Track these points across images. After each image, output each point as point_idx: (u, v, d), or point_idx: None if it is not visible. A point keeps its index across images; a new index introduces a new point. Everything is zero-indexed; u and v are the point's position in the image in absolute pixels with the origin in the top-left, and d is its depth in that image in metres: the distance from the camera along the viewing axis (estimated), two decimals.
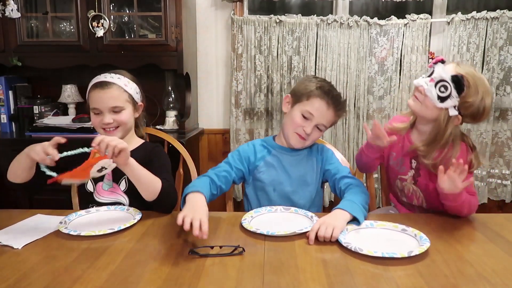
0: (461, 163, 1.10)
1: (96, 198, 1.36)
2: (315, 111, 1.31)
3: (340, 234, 1.04)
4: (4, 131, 2.39)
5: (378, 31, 2.46)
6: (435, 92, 1.20)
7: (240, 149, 1.44)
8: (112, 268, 0.90)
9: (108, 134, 1.36)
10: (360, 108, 2.51)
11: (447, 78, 1.18)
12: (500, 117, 2.53)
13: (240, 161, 1.40)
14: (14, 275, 0.87)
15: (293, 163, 1.40)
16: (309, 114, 1.32)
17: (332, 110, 1.34)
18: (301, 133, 1.34)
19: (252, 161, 1.41)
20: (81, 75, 2.48)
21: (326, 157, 1.43)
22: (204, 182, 1.26)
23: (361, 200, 1.20)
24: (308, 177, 1.40)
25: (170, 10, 2.18)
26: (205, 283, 0.84)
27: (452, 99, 1.19)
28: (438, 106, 1.21)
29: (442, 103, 1.20)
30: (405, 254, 0.93)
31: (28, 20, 2.31)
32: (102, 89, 1.34)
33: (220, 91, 2.65)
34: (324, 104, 1.32)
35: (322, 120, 1.33)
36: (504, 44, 2.42)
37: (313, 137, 1.37)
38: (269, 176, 1.39)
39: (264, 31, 2.47)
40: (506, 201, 2.58)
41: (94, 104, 1.35)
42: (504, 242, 1.06)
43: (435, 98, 1.20)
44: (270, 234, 1.07)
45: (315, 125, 1.33)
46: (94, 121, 1.37)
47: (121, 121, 1.35)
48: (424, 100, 1.24)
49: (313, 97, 1.32)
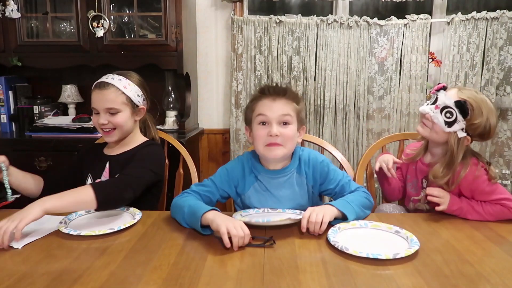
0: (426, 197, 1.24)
1: None
2: (263, 109, 1.22)
3: (331, 232, 1.06)
4: (4, 131, 2.39)
5: (378, 31, 2.46)
6: (442, 118, 1.24)
7: (229, 168, 1.32)
8: (112, 268, 0.90)
9: (106, 135, 1.39)
10: (360, 108, 2.51)
11: (451, 104, 1.22)
12: (500, 117, 2.52)
13: (228, 182, 1.30)
14: (14, 275, 0.87)
15: (280, 187, 1.30)
16: (262, 116, 1.22)
17: (279, 98, 1.23)
18: (271, 141, 1.21)
19: (241, 185, 1.31)
20: (81, 75, 2.49)
21: (321, 174, 1.30)
22: (196, 198, 1.23)
23: (354, 200, 1.20)
24: (299, 197, 1.31)
25: (170, 10, 2.18)
26: (205, 283, 0.84)
27: (459, 123, 1.22)
28: (446, 131, 1.25)
29: (450, 128, 1.24)
30: (390, 256, 0.93)
31: (28, 20, 2.31)
32: (100, 90, 1.36)
33: (220, 91, 2.65)
34: (267, 99, 1.23)
35: (277, 114, 1.21)
36: (504, 44, 2.42)
37: (285, 136, 1.22)
38: (258, 201, 1.30)
39: (264, 31, 2.47)
40: None
41: (93, 103, 1.38)
42: (504, 242, 1.06)
43: (442, 124, 1.24)
44: (266, 221, 1.08)
45: (277, 123, 1.21)
46: (94, 121, 1.40)
47: (116, 123, 1.36)
48: (432, 126, 1.28)
49: (255, 105, 1.25)
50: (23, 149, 2.17)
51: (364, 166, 1.60)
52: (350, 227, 1.13)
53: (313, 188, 1.32)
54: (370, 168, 1.62)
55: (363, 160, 1.60)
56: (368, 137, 2.55)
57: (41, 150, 2.12)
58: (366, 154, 1.61)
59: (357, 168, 1.60)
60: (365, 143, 2.54)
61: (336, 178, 1.30)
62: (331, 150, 1.65)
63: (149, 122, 1.53)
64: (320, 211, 1.10)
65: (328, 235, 1.05)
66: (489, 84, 2.45)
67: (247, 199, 1.32)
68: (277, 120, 1.22)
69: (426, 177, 1.35)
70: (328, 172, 1.30)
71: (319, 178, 1.31)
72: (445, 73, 2.46)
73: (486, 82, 2.46)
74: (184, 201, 1.18)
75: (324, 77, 2.48)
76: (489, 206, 1.22)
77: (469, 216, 1.22)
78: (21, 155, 2.13)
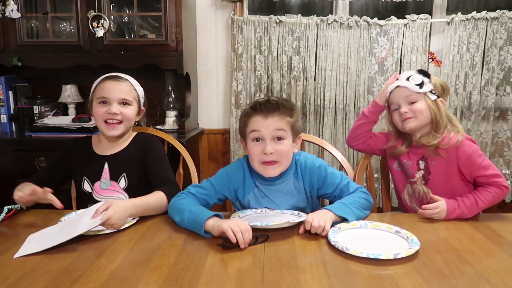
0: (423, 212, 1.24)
1: (95, 197, 1.36)
2: (257, 126, 1.21)
3: (331, 233, 1.06)
4: (4, 131, 2.39)
5: (378, 31, 2.46)
6: (411, 83, 1.34)
7: (229, 172, 1.31)
8: (112, 268, 0.90)
9: (111, 127, 1.33)
10: (360, 108, 2.51)
11: (413, 73, 1.36)
12: (500, 117, 2.53)
13: (227, 187, 1.30)
14: (14, 275, 0.87)
15: (278, 193, 1.29)
16: (255, 132, 1.21)
17: (271, 115, 1.21)
18: (265, 159, 1.21)
19: (240, 190, 1.31)
20: (81, 75, 2.49)
21: (318, 179, 1.29)
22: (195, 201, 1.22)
23: (352, 203, 1.20)
24: (297, 202, 1.30)
25: (170, 10, 2.18)
26: (205, 283, 0.84)
27: (426, 84, 1.34)
28: (419, 92, 1.33)
29: (422, 89, 1.34)
30: (391, 256, 0.93)
31: (28, 20, 2.31)
32: (116, 81, 1.35)
33: (220, 91, 2.65)
34: (259, 116, 1.21)
35: (271, 129, 1.20)
36: (504, 44, 2.42)
37: (281, 152, 1.21)
38: (257, 206, 1.30)
39: (264, 31, 2.47)
40: (506, 201, 2.58)
41: (103, 93, 1.33)
42: (504, 242, 1.06)
43: (414, 87, 1.34)
44: (264, 225, 1.08)
45: (271, 138, 1.21)
46: (99, 111, 1.33)
47: (126, 115, 1.35)
48: (413, 110, 1.34)
49: (248, 120, 1.24)
50: (23, 149, 2.16)
51: (364, 166, 1.60)
52: (351, 227, 1.13)
53: (311, 192, 1.32)
54: (370, 168, 1.62)
55: (363, 160, 1.60)
56: None
57: (41, 150, 2.12)
58: (366, 154, 1.60)
59: (357, 168, 1.60)
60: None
61: (334, 182, 1.29)
62: (331, 150, 1.65)
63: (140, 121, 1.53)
64: (322, 217, 1.10)
65: (328, 235, 1.05)
66: (489, 84, 2.45)
67: (247, 203, 1.32)
68: (271, 136, 1.20)
69: (422, 158, 1.39)
70: (325, 177, 1.29)
71: (316, 183, 1.30)
72: (445, 73, 2.46)
73: (486, 82, 2.46)
74: (183, 204, 1.18)
75: (324, 77, 2.48)
76: (482, 194, 1.26)
77: (470, 216, 1.24)
78: (21, 155, 2.13)
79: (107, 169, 1.37)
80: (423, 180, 1.38)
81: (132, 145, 1.41)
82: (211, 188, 1.28)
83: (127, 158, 1.37)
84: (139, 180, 1.37)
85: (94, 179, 1.37)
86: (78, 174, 1.39)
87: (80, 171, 1.38)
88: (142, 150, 1.39)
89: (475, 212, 1.24)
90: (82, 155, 1.40)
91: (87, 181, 1.37)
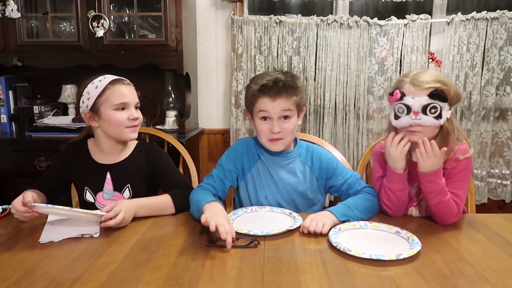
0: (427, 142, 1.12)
1: (98, 207, 1.32)
2: (264, 107, 1.27)
3: (332, 234, 1.06)
4: (4, 131, 2.39)
5: (378, 31, 2.46)
6: (429, 117, 1.15)
7: (233, 148, 1.40)
8: (112, 268, 0.90)
9: (134, 130, 1.31)
10: (360, 108, 2.51)
11: (427, 101, 1.15)
12: (500, 117, 2.52)
13: (234, 161, 1.35)
14: (14, 275, 0.87)
15: (280, 168, 1.34)
16: (263, 112, 1.27)
17: (278, 97, 1.25)
18: (273, 137, 1.28)
19: (245, 163, 1.36)
20: (81, 75, 2.46)
21: (328, 168, 1.34)
22: (209, 193, 1.25)
23: (356, 206, 1.20)
24: (298, 185, 1.34)
25: (170, 10, 2.18)
26: (205, 283, 0.84)
27: (445, 109, 1.16)
28: (441, 124, 1.18)
29: (441, 119, 1.16)
30: (393, 257, 0.93)
31: (28, 20, 2.31)
32: (128, 84, 1.32)
33: (220, 91, 2.65)
34: (266, 98, 1.26)
35: (278, 110, 1.26)
36: (504, 44, 2.42)
37: (287, 130, 1.28)
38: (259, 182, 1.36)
39: (264, 31, 2.47)
40: (506, 201, 2.58)
41: (123, 99, 1.27)
42: (504, 242, 1.06)
43: (434, 122, 1.16)
44: (265, 233, 1.08)
45: (278, 118, 1.27)
46: (121, 118, 1.27)
47: (141, 119, 1.34)
48: (423, 128, 1.17)
49: (255, 100, 1.28)
50: (23, 149, 2.16)
51: (364, 166, 1.60)
52: (351, 228, 1.13)
53: (318, 180, 1.36)
54: (370, 168, 1.62)
55: (363, 160, 1.60)
56: (368, 137, 2.55)
57: (41, 150, 2.12)
58: (366, 154, 1.60)
59: (357, 168, 1.60)
60: (365, 143, 2.54)
61: (344, 175, 1.34)
62: (331, 150, 1.64)
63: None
64: (321, 220, 1.11)
65: (329, 236, 1.05)
66: (489, 84, 2.45)
67: (250, 180, 1.36)
68: (278, 116, 1.27)
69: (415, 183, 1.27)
70: (336, 168, 1.35)
71: (325, 172, 1.35)
72: (445, 73, 2.45)
73: (486, 82, 2.45)
74: (192, 198, 1.25)
75: (324, 77, 2.48)
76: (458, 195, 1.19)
77: (439, 197, 1.16)
78: (21, 155, 2.13)
79: (110, 179, 1.32)
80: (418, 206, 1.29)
81: (136, 154, 1.36)
82: (221, 172, 1.34)
83: (131, 168, 1.33)
84: (145, 190, 1.34)
85: (96, 189, 1.33)
86: (79, 183, 1.36)
87: (81, 180, 1.35)
88: (148, 160, 1.35)
89: (443, 193, 1.16)
90: (81, 163, 1.34)
91: (89, 191, 1.33)
